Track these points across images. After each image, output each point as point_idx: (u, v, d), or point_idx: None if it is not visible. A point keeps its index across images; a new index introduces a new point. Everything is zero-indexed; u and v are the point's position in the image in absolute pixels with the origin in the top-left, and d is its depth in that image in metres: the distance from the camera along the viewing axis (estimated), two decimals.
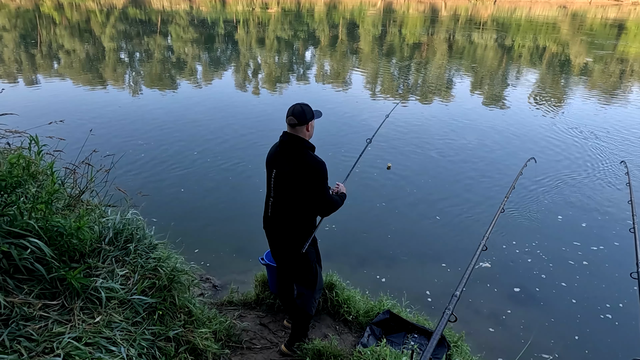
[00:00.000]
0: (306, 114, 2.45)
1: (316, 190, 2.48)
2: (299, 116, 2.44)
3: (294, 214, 2.57)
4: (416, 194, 6.11)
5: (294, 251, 2.66)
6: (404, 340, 3.14)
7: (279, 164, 2.52)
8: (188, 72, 14.10)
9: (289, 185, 2.50)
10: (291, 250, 2.67)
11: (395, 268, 4.59)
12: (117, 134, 7.91)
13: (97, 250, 2.41)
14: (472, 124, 9.17)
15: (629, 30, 29.79)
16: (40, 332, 1.85)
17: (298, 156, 2.46)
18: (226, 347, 2.87)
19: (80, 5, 37.20)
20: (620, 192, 6.14)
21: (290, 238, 2.63)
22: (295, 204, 2.54)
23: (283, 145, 2.50)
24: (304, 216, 2.59)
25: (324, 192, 2.50)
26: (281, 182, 2.52)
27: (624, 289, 4.22)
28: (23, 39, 18.95)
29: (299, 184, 2.47)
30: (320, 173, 2.45)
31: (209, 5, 41.73)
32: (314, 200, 2.52)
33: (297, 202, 2.54)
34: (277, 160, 2.53)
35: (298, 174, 2.45)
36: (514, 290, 4.28)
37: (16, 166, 2.28)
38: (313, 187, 2.47)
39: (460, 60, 17.56)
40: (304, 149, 2.47)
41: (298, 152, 2.46)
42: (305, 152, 2.47)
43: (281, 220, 2.60)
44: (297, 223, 2.59)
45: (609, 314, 3.98)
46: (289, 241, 2.64)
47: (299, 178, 2.46)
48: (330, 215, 2.62)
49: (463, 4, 50.67)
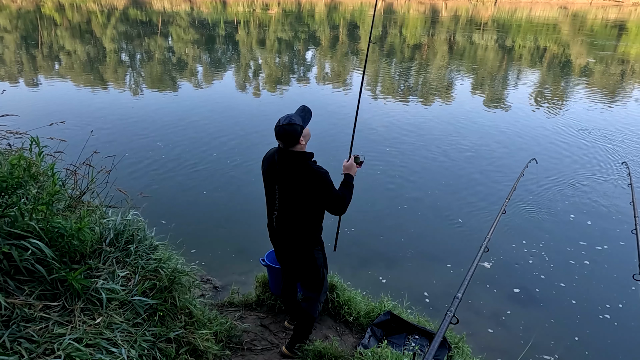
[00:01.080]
0: (293, 133, 2.31)
1: (325, 196, 2.41)
2: (286, 138, 2.32)
3: (301, 224, 2.55)
4: (417, 195, 6.10)
5: (302, 256, 2.65)
6: (405, 342, 3.13)
7: (281, 179, 2.44)
8: (189, 73, 14.12)
9: (294, 199, 2.46)
10: (300, 256, 2.66)
11: (396, 269, 4.58)
12: (118, 135, 7.92)
13: (98, 251, 2.41)
14: (473, 125, 9.16)
15: (629, 31, 29.77)
16: (40, 333, 1.85)
17: (300, 171, 2.38)
18: (227, 348, 2.87)
19: (81, 6, 37.27)
20: (622, 193, 6.13)
21: (299, 246, 2.62)
22: (302, 215, 2.52)
23: (282, 161, 2.41)
24: (311, 224, 2.58)
25: (332, 194, 2.42)
26: (286, 196, 2.47)
27: (624, 290, 4.22)
28: (24, 40, 18.99)
29: (305, 196, 2.43)
30: (325, 182, 2.39)
31: (210, 6, 41.79)
32: (324, 205, 2.46)
33: (304, 213, 2.51)
34: (277, 175, 2.45)
35: (303, 188, 2.40)
36: (515, 291, 4.28)
37: (17, 167, 2.28)
38: (321, 196, 2.41)
39: (460, 61, 17.56)
40: (304, 162, 2.39)
41: (299, 166, 2.38)
42: (306, 165, 2.39)
43: (288, 230, 2.58)
44: (304, 231, 2.58)
45: (607, 315, 3.98)
46: (298, 248, 2.64)
47: (304, 191, 2.41)
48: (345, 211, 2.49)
49: (463, 5, 50.69)
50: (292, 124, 2.31)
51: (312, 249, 2.64)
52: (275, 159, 2.44)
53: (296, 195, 2.44)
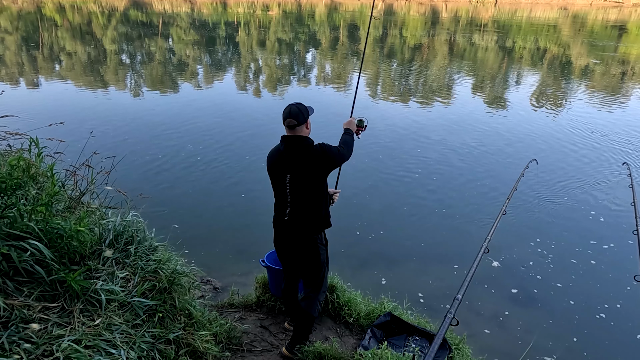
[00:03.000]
0: (303, 113, 2.48)
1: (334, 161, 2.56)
2: (297, 116, 2.46)
3: (314, 207, 2.60)
4: (417, 195, 6.10)
5: (308, 249, 2.68)
6: (405, 343, 3.12)
7: (291, 167, 2.51)
8: (189, 74, 14.12)
9: (306, 184, 2.53)
10: (306, 249, 2.69)
11: (396, 270, 4.57)
12: (118, 136, 7.91)
13: (97, 252, 2.40)
14: (474, 126, 9.16)
15: (629, 32, 29.77)
16: (39, 334, 1.84)
17: (306, 154, 2.49)
18: (227, 349, 2.86)
19: (82, 7, 37.34)
20: (623, 194, 6.11)
21: (309, 235, 2.66)
22: (314, 197, 2.58)
23: (289, 149, 2.50)
24: (322, 205, 2.63)
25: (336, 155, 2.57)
26: (297, 184, 2.53)
27: (623, 290, 4.22)
28: (25, 42, 19.02)
29: (316, 176, 2.53)
30: (329, 154, 2.52)
31: (210, 7, 41.84)
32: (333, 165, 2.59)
33: (316, 195, 2.57)
34: (286, 164, 2.52)
35: (313, 169, 2.50)
36: (515, 292, 4.27)
37: (16, 168, 2.28)
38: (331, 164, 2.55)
39: (461, 62, 17.56)
40: (308, 146, 2.50)
41: (305, 150, 2.49)
42: (311, 147, 2.51)
43: (301, 220, 2.62)
44: (316, 215, 2.63)
45: (603, 314, 3.98)
46: (306, 239, 2.66)
47: (314, 172, 2.51)
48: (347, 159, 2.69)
49: (464, 6, 50.72)
50: (301, 105, 2.51)
51: (317, 243, 2.66)
52: (282, 148, 2.54)
53: (307, 178, 2.52)
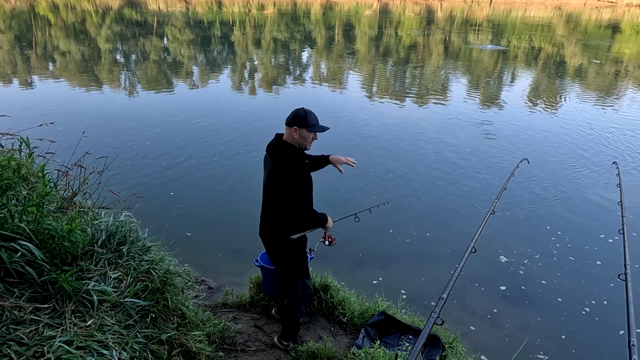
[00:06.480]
0: (294, 116, 2.46)
1: (296, 197, 2.50)
2: (290, 117, 2.49)
3: (279, 216, 2.62)
4: (409, 195, 6.11)
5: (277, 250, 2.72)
6: (398, 342, 3.14)
7: (267, 165, 2.59)
8: (184, 74, 14.07)
9: (273, 187, 2.56)
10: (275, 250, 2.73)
11: (390, 269, 4.59)
12: (110, 135, 7.87)
13: (90, 252, 2.39)
14: (466, 125, 9.20)
15: (623, 32, 30.00)
16: (30, 335, 1.83)
17: (283, 160, 2.49)
18: (220, 349, 2.86)
19: (75, 6, 37.07)
20: (611, 193, 6.17)
21: (275, 237, 2.68)
22: (279, 204, 2.59)
23: (272, 146, 2.56)
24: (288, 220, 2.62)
25: (304, 202, 2.51)
26: (269, 182, 2.58)
27: (608, 287, 4.28)
28: (18, 40, 18.86)
29: (281, 187, 2.52)
30: (301, 182, 2.46)
31: (205, 6, 41.69)
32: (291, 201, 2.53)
33: (281, 203, 2.58)
34: (266, 163, 2.62)
35: (280, 178, 2.50)
36: (508, 291, 4.29)
37: (7, 168, 2.26)
38: (294, 194, 2.49)
39: (456, 61, 17.62)
40: (289, 153, 2.47)
41: (283, 156, 2.49)
42: (290, 158, 2.47)
43: (268, 221, 2.68)
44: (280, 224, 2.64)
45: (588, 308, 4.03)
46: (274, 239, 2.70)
47: (281, 182, 2.50)
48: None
49: (459, 5, 50.89)
50: (305, 113, 2.45)
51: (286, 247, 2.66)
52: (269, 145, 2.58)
53: (275, 183, 2.54)
